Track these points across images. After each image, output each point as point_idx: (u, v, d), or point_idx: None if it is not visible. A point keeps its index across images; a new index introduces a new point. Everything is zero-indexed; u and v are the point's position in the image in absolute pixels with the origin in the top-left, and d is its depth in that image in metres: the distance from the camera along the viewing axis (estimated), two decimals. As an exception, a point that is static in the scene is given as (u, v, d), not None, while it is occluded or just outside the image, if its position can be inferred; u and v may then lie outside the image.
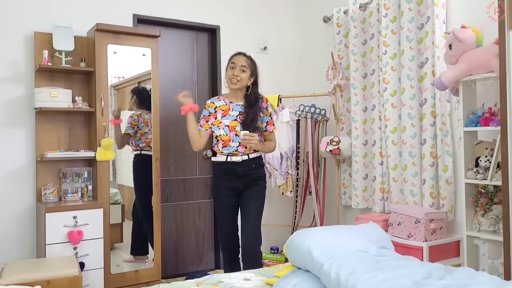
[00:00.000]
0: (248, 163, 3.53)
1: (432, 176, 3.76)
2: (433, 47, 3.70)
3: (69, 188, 3.95)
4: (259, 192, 3.59)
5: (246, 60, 3.53)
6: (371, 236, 2.38)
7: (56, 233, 3.55)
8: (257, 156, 3.59)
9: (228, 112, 3.56)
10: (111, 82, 4.04)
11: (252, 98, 3.55)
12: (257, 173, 3.59)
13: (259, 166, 3.62)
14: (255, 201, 3.55)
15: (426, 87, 3.77)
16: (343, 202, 4.70)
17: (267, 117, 3.62)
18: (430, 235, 3.46)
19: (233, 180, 3.54)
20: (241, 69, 3.50)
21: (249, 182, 3.55)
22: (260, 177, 3.62)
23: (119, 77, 4.14)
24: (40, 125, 3.94)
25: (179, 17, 4.71)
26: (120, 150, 4.24)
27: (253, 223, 3.49)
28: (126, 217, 4.28)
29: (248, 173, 3.54)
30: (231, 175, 3.54)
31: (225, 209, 3.61)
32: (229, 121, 3.53)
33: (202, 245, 4.93)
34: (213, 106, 3.63)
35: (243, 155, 3.51)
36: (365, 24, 4.43)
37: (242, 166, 3.52)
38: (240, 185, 3.55)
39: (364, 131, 4.44)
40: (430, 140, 3.76)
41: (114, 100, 4.14)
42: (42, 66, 3.78)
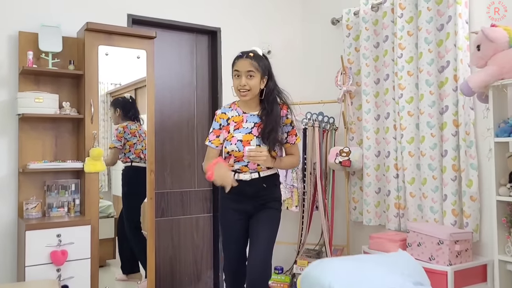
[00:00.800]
0: (258, 182, 3.02)
1: (454, 192, 3.43)
2: (455, 49, 3.40)
3: (55, 202, 3.63)
4: (272, 217, 3.07)
5: (251, 63, 2.95)
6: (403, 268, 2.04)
7: (37, 253, 3.22)
8: (270, 175, 3.07)
9: (241, 124, 3.06)
10: (107, 89, 3.86)
11: (269, 104, 3.01)
12: (270, 194, 3.08)
13: (273, 185, 3.11)
14: (267, 227, 3.02)
15: (447, 93, 3.45)
16: (353, 218, 4.40)
17: (287, 126, 3.09)
18: (455, 258, 3.12)
19: (242, 201, 3.05)
20: (247, 76, 2.95)
21: (260, 205, 3.05)
22: (274, 199, 3.11)
23: (116, 83, 3.94)
24: (24, 133, 3.64)
25: (178, 18, 4.44)
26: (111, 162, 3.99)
27: (263, 252, 2.97)
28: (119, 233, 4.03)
29: (259, 194, 3.04)
30: (240, 195, 3.02)
31: (233, 236, 3.12)
32: (242, 134, 3.02)
33: (201, 263, 4.63)
34: (225, 117, 3.11)
35: (252, 173, 3.00)
36: (377, 25, 4.16)
37: (251, 186, 3.01)
38: (250, 208, 3.06)
39: (376, 141, 4.16)
40: (452, 151, 3.43)
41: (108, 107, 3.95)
42: (26, 68, 3.49)
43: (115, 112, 3.94)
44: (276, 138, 2.96)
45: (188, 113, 4.61)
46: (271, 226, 3.06)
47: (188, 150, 4.57)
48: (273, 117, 2.96)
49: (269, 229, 3.03)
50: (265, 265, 2.98)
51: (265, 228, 3.02)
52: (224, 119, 3.10)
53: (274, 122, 2.96)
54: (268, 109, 2.99)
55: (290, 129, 3.11)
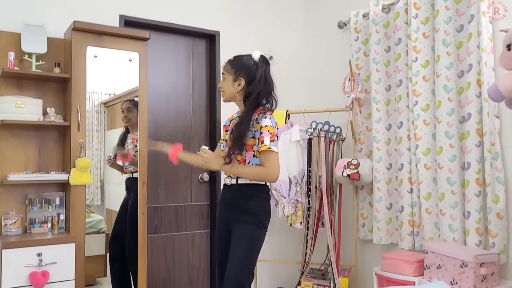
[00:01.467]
0: (235, 189, 2.93)
1: (478, 208, 3.13)
2: (479, 51, 3.13)
3: (37, 218, 3.40)
4: (242, 231, 2.86)
5: (225, 66, 3.03)
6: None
7: (15, 274, 3.00)
8: (249, 184, 2.90)
9: (232, 125, 3.07)
10: (101, 99, 3.76)
11: (246, 106, 2.95)
12: (246, 206, 2.88)
13: (252, 198, 2.90)
14: (238, 244, 2.84)
15: (469, 100, 3.17)
16: (362, 236, 4.14)
17: (258, 132, 2.85)
18: (480, 283, 2.82)
19: (224, 209, 3.03)
20: (222, 78, 3.04)
21: (234, 216, 2.91)
22: (247, 211, 2.88)
23: (110, 93, 3.83)
24: (4, 141, 3.40)
25: (174, 20, 4.24)
26: (110, 172, 3.85)
27: (231, 275, 2.78)
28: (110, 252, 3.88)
29: (235, 202, 2.93)
30: (223, 203, 3.06)
31: (218, 241, 3.10)
32: (227, 135, 3.04)
33: (196, 284, 4.39)
34: (231, 118, 3.18)
35: (233, 178, 2.94)
36: (389, 28, 3.93)
37: (230, 192, 2.98)
38: (229, 216, 2.95)
39: (388, 152, 3.91)
40: (475, 163, 3.14)
41: (104, 118, 3.83)
42: (7, 70, 3.28)
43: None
44: (234, 141, 2.85)
45: (184, 123, 4.40)
46: (244, 244, 2.84)
47: (184, 163, 4.30)
48: (241, 119, 2.89)
49: (241, 249, 2.83)
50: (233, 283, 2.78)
51: (235, 244, 2.86)
52: (228, 120, 3.18)
53: (239, 125, 2.87)
54: (245, 111, 2.94)
55: (259, 135, 2.85)
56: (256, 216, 2.88)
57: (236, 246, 2.83)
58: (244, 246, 2.83)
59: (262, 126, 2.83)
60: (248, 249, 2.84)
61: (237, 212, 2.90)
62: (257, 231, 2.88)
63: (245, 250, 2.83)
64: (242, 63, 2.98)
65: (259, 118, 2.86)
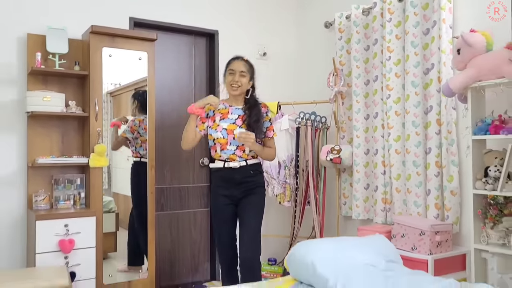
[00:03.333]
0: (246, 169, 3.44)
1: (437, 187, 3.63)
2: (439, 52, 3.59)
3: (61, 195, 3.82)
4: (258, 201, 3.48)
5: (245, 65, 3.48)
6: (378, 249, 2.26)
7: (46, 241, 3.42)
8: (255, 163, 3.50)
9: (227, 115, 3.49)
10: (107, 89, 3.95)
11: (252, 101, 3.51)
12: (256, 180, 3.49)
13: (258, 173, 3.52)
14: (254, 210, 3.43)
15: (431, 94, 3.66)
16: (343, 213, 4.58)
17: (266, 122, 3.54)
18: (435, 248, 3.33)
19: (231, 187, 3.44)
20: (240, 75, 3.44)
21: (247, 190, 3.44)
22: (259, 185, 3.52)
23: (115, 83, 4.06)
24: (32, 129, 3.82)
25: (177, 21, 4.61)
26: (116, 158, 4.12)
27: (252, 233, 3.36)
28: (121, 226, 4.18)
29: (247, 180, 3.44)
30: (229, 182, 3.45)
31: (223, 218, 3.50)
32: (227, 124, 3.45)
33: (198, 255, 4.81)
34: (212, 108, 3.54)
35: (240, 161, 3.42)
36: (368, 29, 4.34)
37: (239, 173, 3.42)
38: (238, 193, 3.45)
39: (366, 139, 4.34)
40: (435, 149, 3.64)
41: (110, 107, 4.05)
42: (35, 69, 3.67)
43: (133, 103, 4.09)
44: (260, 128, 3.43)
45: (187, 112, 4.67)
46: (259, 210, 3.47)
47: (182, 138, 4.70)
48: (257, 110, 3.46)
49: (257, 213, 3.44)
50: (255, 243, 3.37)
51: (254, 212, 3.42)
52: (211, 110, 3.53)
53: (258, 115, 3.44)
54: (252, 104, 3.48)
55: (268, 125, 3.54)
56: (264, 187, 3.57)
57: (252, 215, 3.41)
58: (258, 214, 3.46)
59: (270, 119, 3.56)
60: (261, 215, 3.48)
61: (250, 187, 3.44)
62: (264, 199, 3.55)
63: (259, 217, 3.46)
64: (252, 67, 3.54)
65: (267, 112, 3.56)
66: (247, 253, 3.32)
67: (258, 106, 3.49)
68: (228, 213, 3.49)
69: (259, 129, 3.41)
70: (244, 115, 3.47)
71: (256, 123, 3.40)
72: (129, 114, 4.18)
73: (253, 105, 3.48)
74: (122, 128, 4.13)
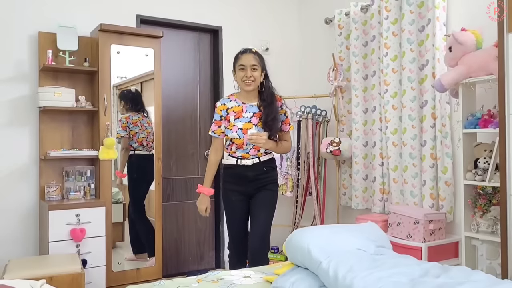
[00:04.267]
0: (259, 166, 3.35)
1: (432, 178, 3.77)
2: (434, 49, 3.72)
3: (72, 187, 3.98)
4: (270, 197, 3.40)
5: (255, 58, 3.28)
6: (369, 235, 2.41)
7: (59, 230, 3.59)
8: (269, 159, 3.41)
9: (241, 114, 3.33)
10: (114, 82, 4.05)
11: (268, 96, 3.32)
12: (269, 177, 3.41)
13: (271, 169, 3.44)
14: (266, 206, 3.37)
15: (426, 89, 3.79)
16: (343, 203, 4.72)
17: (282, 116, 3.39)
18: (429, 236, 3.48)
19: (244, 184, 3.36)
20: (252, 69, 3.25)
21: (260, 186, 3.37)
22: (272, 181, 3.43)
23: (122, 77, 4.15)
24: (44, 124, 3.97)
25: (182, 18, 4.73)
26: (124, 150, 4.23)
27: (262, 228, 3.33)
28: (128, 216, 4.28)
29: (259, 177, 3.36)
30: (242, 179, 3.36)
31: (236, 214, 3.44)
32: (243, 123, 3.31)
33: (203, 244, 4.95)
34: (225, 108, 3.36)
35: (253, 158, 3.33)
36: (366, 26, 4.45)
37: (253, 170, 3.34)
38: (251, 189, 3.38)
39: (364, 132, 4.46)
40: (430, 141, 3.78)
41: (116, 100, 4.15)
42: (46, 65, 3.81)
43: (120, 103, 4.17)
44: (277, 126, 3.30)
45: (192, 106, 4.89)
46: (270, 206, 3.41)
47: (191, 140, 4.87)
48: (274, 107, 3.29)
49: (268, 209, 3.39)
50: (265, 238, 3.35)
51: (265, 207, 3.37)
52: (224, 109, 3.36)
53: (275, 112, 3.28)
54: (268, 101, 3.29)
55: (284, 119, 3.41)
56: (277, 184, 3.51)
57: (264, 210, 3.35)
58: (271, 210, 3.41)
59: (286, 112, 3.43)
60: (272, 211, 3.42)
61: (263, 183, 3.36)
62: (276, 195, 3.48)
63: (271, 212, 3.41)
64: (262, 57, 3.34)
65: (282, 105, 3.41)
66: (256, 247, 3.30)
67: (274, 102, 3.31)
68: (241, 209, 3.43)
69: (276, 127, 3.30)
70: (259, 112, 3.31)
71: (273, 121, 3.26)
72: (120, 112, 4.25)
73: (270, 102, 3.29)
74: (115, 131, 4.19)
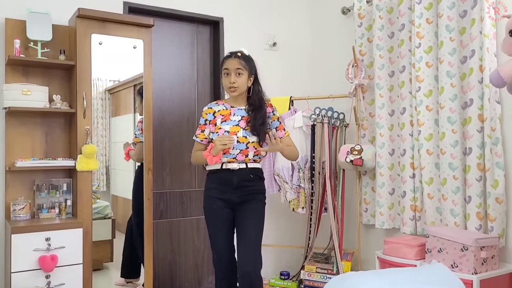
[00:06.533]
0: (245, 172, 3.18)
1: (479, 193, 3.19)
2: (481, 36, 3.15)
3: (45, 203, 3.47)
4: (257, 208, 3.21)
5: (239, 62, 3.18)
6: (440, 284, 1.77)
7: (24, 258, 3.07)
8: (256, 167, 3.24)
9: (228, 117, 3.23)
10: (106, 86, 3.78)
11: (256, 100, 3.25)
12: (256, 186, 3.23)
13: (258, 178, 3.26)
14: (254, 219, 3.17)
15: (471, 86, 3.21)
16: (364, 221, 4.21)
17: (275, 122, 3.31)
18: (480, 266, 2.87)
19: (228, 191, 3.17)
20: (236, 74, 3.16)
21: (246, 196, 3.17)
22: (259, 191, 3.25)
23: (114, 80, 3.87)
24: (11, 128, 3.46)
25: (177, 7, 4.28)
26: (115, 159, 3.90)
27: (251, 244, 3.11)
28: (119, 230, 3.94)
29: (245, 185, 3.17)
30: (226, 185, 3.18)
31: (217, 224, 3.22)
32: (230, 126, 3.18)
33: (201, 267, 4.47)
34: (211, 111, 3.28)
35: (240, 163, 3.17)
36: (392, 14, 3.95)
37: (238, 176, 3.16)
38: (235, 198, 3.17)
39: (391, 138, 3.97)
40: (476, 149, 3.19)
41: (109, 104, 3.85)
42: (13, 58, 3.33)
43: (142, 102, 3.80)
44: (265, 131, 3.20)
45: (189, 109, 4.46)
46: (259, 218, 3.21)
47: (188, 149, 4.33)
48: (263, 112, 3.22)
49: (257, 222, 3.19)
50: (256, 255, 3.11)
51: (253, 220, 3.17)
52: (210, 113, 3.28)
53: (264, 117, 3.21)
54: (256, 105, 3.23)
55: (278, 125, 3.33)
56: (264, 195, 3.29)
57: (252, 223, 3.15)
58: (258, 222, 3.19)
59: (278, 117, 3.32)
60: (261, 225, 3.20)
61: (248, 192, 3.17)
62: (264, 207, 3.27)
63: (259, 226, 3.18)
64: (251, 61, 3.24)
65: (274, 111, 3.32)
66: (246, 267, 3.06)
67: (263, 107, 3.23)
68: (224, 218, 3.21)
69: (264, 132, 3.20)
70: (247, 116, 3.22)
71: (261, 126, 3.18)
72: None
73: (258, 107, 3.22)
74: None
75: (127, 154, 3.84)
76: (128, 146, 3.84)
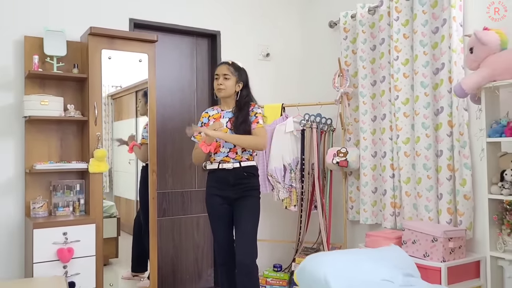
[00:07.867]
0: (239, 171, 3.45)
1: (449, 191, 3.51)
2: (450, 51, 3.48)
3: (60, 202, 3.72)
4: (252, 203, 3.48)
5: (228, 68, 3.51)
6: (395, 261, 2.13)
7: (44, 250, 3.32)
8: (250, 165, 3.51)
9: (219, 119, 3.54)
10: (108, 91, 3.88)
11: (242, 103, 3.53)
12: (250, 183, 3.49)
13: (252, 175, 3.53)
14: (249, 213, 3.44)
15: (442, 95, 3.54)
16: (350, 217, 4.47)
17: (252, 117, 3.52)
18: (448, 255, 3.21)
19: (225, 189, 3.46)
20: (224, 78, 3.49)
21: (242, 192, 3.45)
22: (253, 187, 3.52)
23: (116, 86, 3.99)
24: (30, 134, 3.72)
25: (178, 22, 4.51)
26: (118, 162, 4.04)
27: (247, 236, 3.38)
28: (122, 230, 4.08)
29: (240, 182, 3.45)
30: (223, 183, 3.47)
31: (218, 218, 3.52)
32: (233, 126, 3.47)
33: (201, 261, 4.71)
34: (207, 115, 3.64)
35: (234, 163, 3.45)
36: (374, 28, 4.24)
37: (233, 174, 3.45)
38: (232, 194, 3.45)
39: (373, 141, 4.23)
40: (446, 151, 3.52)
41: (111, 110, 3.98)
42: (32, 72, 3.57)
43: (146, 104, 3.96)
44: (245, 128, 3.44)
45: (189, 114, 4.67)
46: (253, 213, 3.46)
47: (188, 152, 4.53)
48: (244, 112, 3.49)
49: (252, 216, 3.45)
50: (252, 247, 3.37)
51: (248, 215, 3.43)
52: (206, 117, 3.63)
53: (245, 115, 3.47)
54: (241, 106, 3.51)
55: (253, 119, 3.50)
56: (258, 190, 3.55)
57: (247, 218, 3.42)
58: (253, 217, 3.46)
59: (256, 113, 3.50)
60: (255, 219, 3.47)
61: (244, 189, 3.45)
62: (259, 202, 3.53)
63: (254, 220, 3.46)
64: (241, 69, 3.56)
65: (254, 109, 3.52)
66: (243, 258, 3.34)
67: (246, 107, 3.52)
68: (224, 213, 3.51)
69: (243, 129, 3.44)
70: (233, 117, 3.51)
71: (242, 124, 3.44)
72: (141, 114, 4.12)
73: (242, 107, 3.51)
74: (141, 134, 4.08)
75: (131, 148, 4.03)
76: (133, 141, 4.02)
